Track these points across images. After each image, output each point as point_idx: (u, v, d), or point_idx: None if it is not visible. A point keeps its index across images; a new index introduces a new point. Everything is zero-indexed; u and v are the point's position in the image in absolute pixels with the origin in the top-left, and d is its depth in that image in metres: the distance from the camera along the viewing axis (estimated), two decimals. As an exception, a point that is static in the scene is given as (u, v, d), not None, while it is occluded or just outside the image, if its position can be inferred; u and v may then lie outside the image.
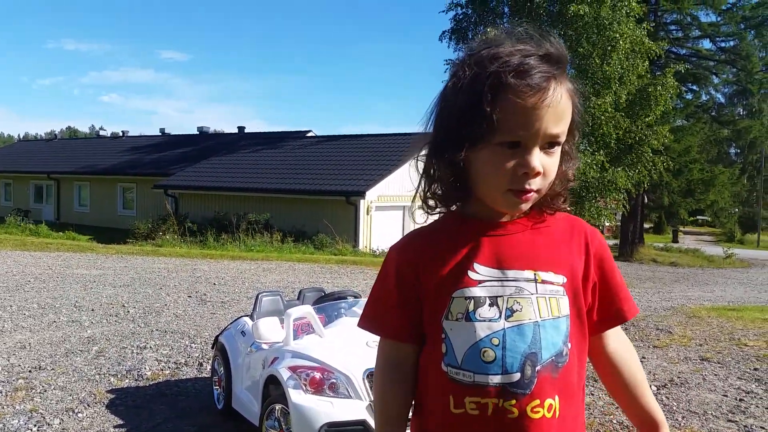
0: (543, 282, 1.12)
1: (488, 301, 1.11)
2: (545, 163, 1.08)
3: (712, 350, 6.23)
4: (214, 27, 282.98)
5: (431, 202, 1.21)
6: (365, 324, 1.28)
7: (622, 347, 1.24)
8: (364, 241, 18.61)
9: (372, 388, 3.24)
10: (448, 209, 1.21)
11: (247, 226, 18.07)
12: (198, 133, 32.21)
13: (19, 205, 30.12)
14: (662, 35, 24.46)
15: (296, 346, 3.64)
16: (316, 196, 19.18)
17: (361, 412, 3.23)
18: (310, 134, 26.39)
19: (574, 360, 1.13)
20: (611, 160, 18.38)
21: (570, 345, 1.13)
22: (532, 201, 1.12)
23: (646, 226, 39.23)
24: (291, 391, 3.30)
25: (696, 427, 4.15)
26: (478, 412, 1.10)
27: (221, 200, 21.47)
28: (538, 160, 1.07)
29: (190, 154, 26.74)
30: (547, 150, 1.09)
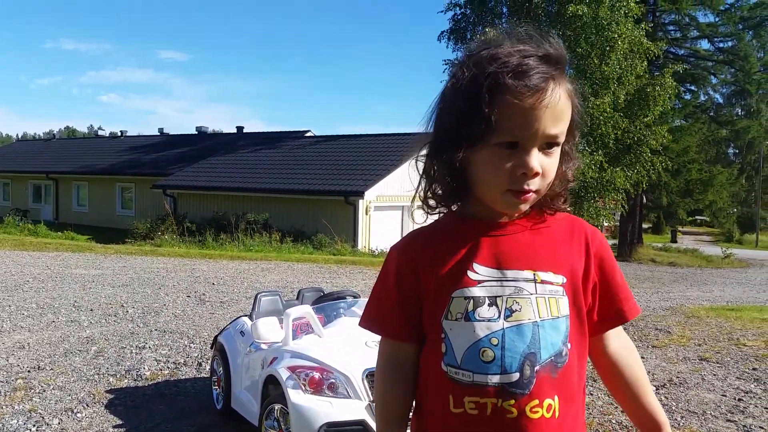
0: (542, 282, 1.12)
1: (487, 301, 1.11)
2: (544, 163, 1.08)
3: (710, 350, 6.24)
4: (213, 27, 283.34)
5: (431, 202, 1.21)
6: (366, 323, 1.28)
7: (624, 348, 1.24)
8: (363, 241, 18.60)
9: (371, 388, 3.24)
10: (449, 209, 1.21)
11: (245, 226, 18.06)
12: (197, 133, 32.19)
13: (17, 204, 30.12)
14: (660, 35, 24.47)
15: (295, 346, 3.64)
16: (315, 196, 19.18)
17: (360, 412, 3.23)
18: (308, 134, 26.37)
19: (574, 360, 1.13)
20: (610, 161, 18.39)
21: (570, 345, 1.13)
22: (531, 201, 1.12)
23: (645, 226, 39.24)
24: (290, 391, 3.30)
25: (695, 427, 4.16)
26: (477, 411, 1.10)
27: (220, 200, 21.46)
28: (537, 161, 1.07)
29: (189, 154, 26.73)
30: (546, 150, 1.09)
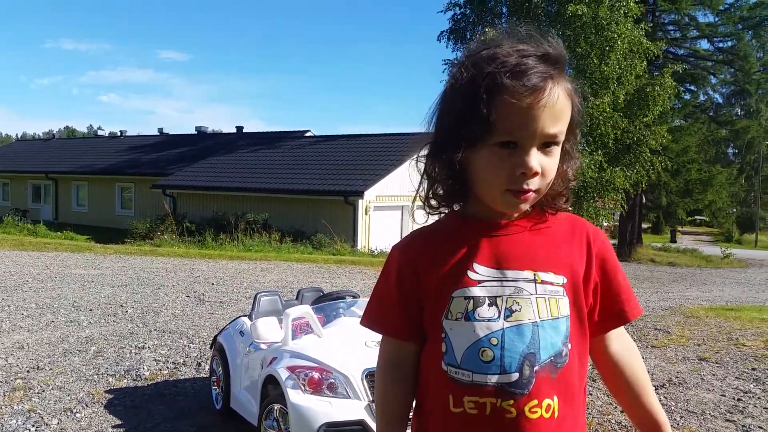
0: (542, 282, 1.12)
1: (487, 301, 1.11)
2: (544, 163, 1.08)
3: (710, 350, 6.24)
4: (213, 27, 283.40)
5: (432, 203, 1.21)
6: (367, 322, 1.28)
7: (625, 348, 1.23)
8: (363, 241, 18.60)
9: (371, 388, 3.24)
10: (450, 209, 1.22)
11: (245, 226, 18.05)
12: (196, 132, 32.19)
13: (17, 204, 30.12)
14: (660, 35, 24.48)
15: (295, 346, 3.64)
16: (315, 196, 19.17)
17: (359, 412, 3.23)
18: (308, 134, 26.37)
19: (574, 361, 1.13)
20: (609, 160, 18.40)
21: (570, 346, 1.13)
22: (531, 201, 1.12)
23: (644, 226, 39.24)
24: (289, 391, 3.30)
25: (694, 427, 4.16)
26: (476, 411, 1.10)
27: (219, 200, 21.45)
28: (536, 160, 1.07)
29: (189, 153, 26.72)
30: (546, 150, 1.09)
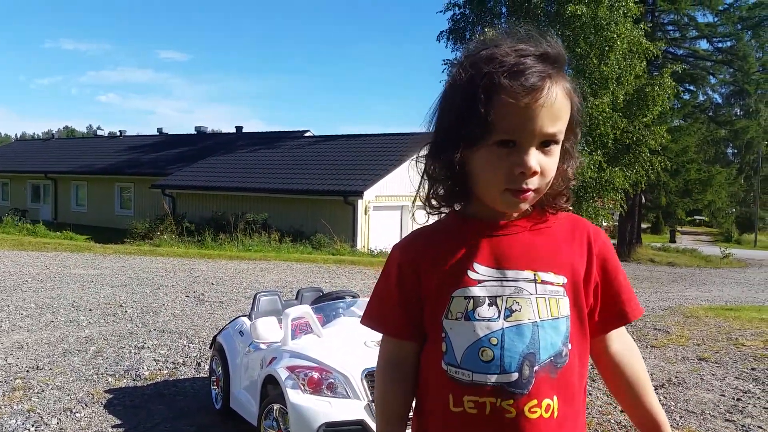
0: (543, 282, 1.12)
1: (487, 301, 1.11)
2: (543, 162, 1.08)
3: (709, 350, 6.24)
4: (212, 27, 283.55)
5: (433, 202, 1.21)
6: (368, 321, 1.29)
7: (626, 349, 1.23)
8: (362, 241, 18.60)
9: (370, 388, 3.24)
10: (451, 209, 1.22)
11: (245, 225, 18.05)
12: (196, 132, 32.18)
13: (16, 204, 30.09)
14: (659, 36, 24.49)
15: (294, 346, 3.64)
16: (314, 195, 19.17)
17: (359, 412, 3.23)
18: (308, 134, 26.36)
19: (574, 361, 1.13)
20: (609, 160, 18.40)
21: (570, 346, 1.13)
22: (531, 200, 1.12)
23: (644, 226, 39.24)
24: (289, 391, 3.30)
25: (694, 427, 4.16)
26: (476, 411, 1.10)
27: (219, 200, 21.45)
28: (535, 160, 1.07)
29: (188, 153, 26.72)
30: (545, 149, 1.09)
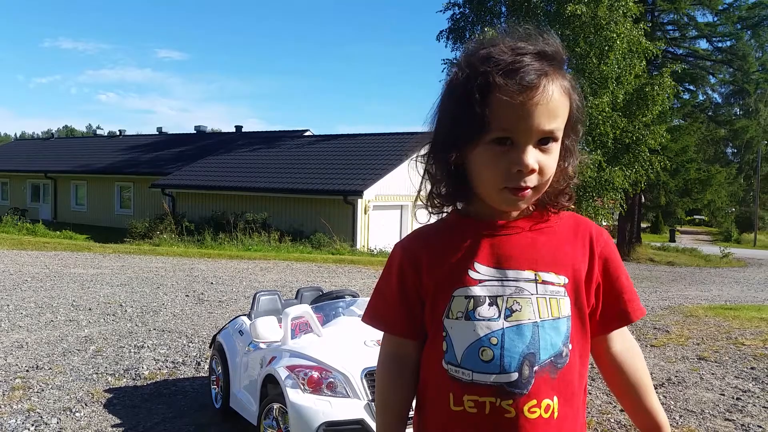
0: (543, 282, 1.12)
1: (488, 301, 1.11)
2: (541, 159, 1.08)
3: (709, 349, 6.25)
4: (212, 26, 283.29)
5: (435, 201, 1.21)
6: (369, 319, 1.29)
7: (627, 349, 1.23)
8: (362, 241, 18.59)
9: (370, 387, 3.25)
10: (453, 208, 1.22)
11: (244, 225, 18.05)
12: (195, 132, 32.20)
13: (16, 204, 30.08)
14: (659, 35, 24.52)
15: (294, 345, 3.64)
16: (314, 195, 19.16)
17: (359, 412, 3.23)
18: (307, 134, 26.35)
19: (575, 361, 1.13)
20: (608, 160, 18.39)
21: (571, 346, 1.13)
22: (530, 198, 1.11)
23: (643, 225, 39.26)
24: (289, 391, 3.30)
25: (693, 426, 4.16)
26: (476, 410, 1.10)
27: (219, 199, 21.44)
28: (533, 158, 1.07)
29: (188, 153, 26.72)
30: (543, 147, 1.08)
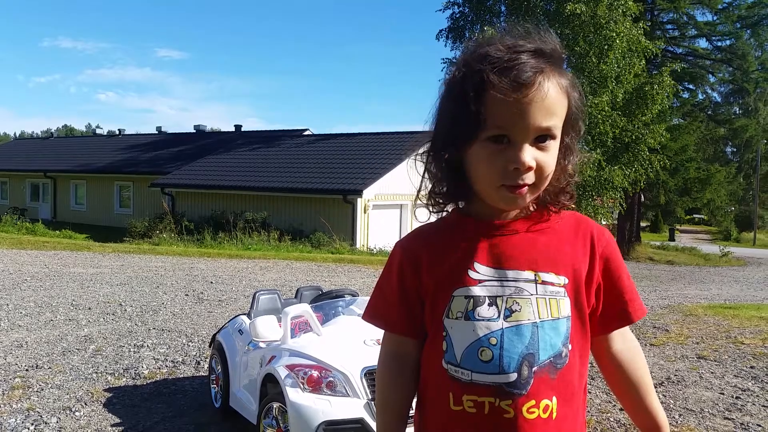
0: (543, 283, 1.12)
1: (487, 301, 1.11)
2: (539, 157, 1.07)
3: (708, 348, 6.25)
4: (211, 26, 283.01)
5: (437, 200, 1.21)
6: (369, 317, 1.29)
7: (628, 349, 1.23)
8: (362, 240, 18.59)
9: (370, 386, 3.25)
10: (453, 207, 1.22)
11: (244, 224, 18.05)
12: (195, 131, 32.19)
13: (15, 203, 30.07)
14: (659, 34, 24.53)
15: (294, 344, 3.64)
16: (314, 194, 19.16)
17: (358, 411, 3.23)
18: (307, 133, 26.34)
19: (574, 361, 1.13)
20: (608, 159, 18.40)
21: (570, 346, 1.12)
22: (529, 196, 1.11)
23: (643, 224, 39.30)
24: (289, 390, 3.30)
25: (693, 425, 4.16)
26: (475, 410, 1.10)
27: (218, 199, 21.44)
28: (529, 155, 1.06)
29: (187, 152, 26.71)
30: (540, 144, 1.08)
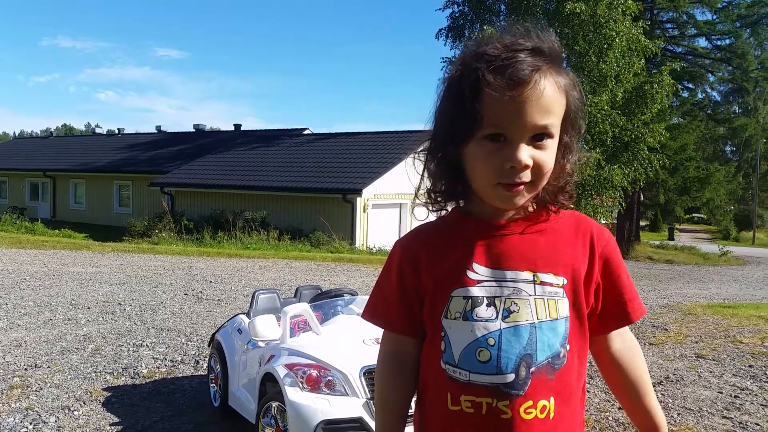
0: (542, 283, 1.12)
1: (486, 301, 1.11)
2: (536, 156, 1.07)
3: (707, 347, 6.26)
4: (211, 25, 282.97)
5: (437, 199, 1.21)
6: (368, 316, 1.29)
7: (627, 348, 1.23)
8: (361, 239, 18.59)
9: (369, 385, 3.25)
10: (453, 206, 1.22)
11: (243, 223, 18.05)
12: (194, 130, 32.18)
13: (14, 202, 30.04)
14: (658, 33, 24.53)
15: (293, 343, 3.64)
16: (313, 193, 19.16)
17: (357, 410, 3.23)
18: (306, 132, 26.33)
19: (573, 362, 1.13)
20: (607, 158, 18.41)
21: (569, 347, 1.12)
22: (526, 195, 1.10)
23: (642, 223, 39.31)
24: (288, 389, 3.30)
25: (691, 424, 4.17)
26: (473, 410, 1.10)
27: (218, 198, 21.43)
28: (526, 154, 1.06)
29: (187, 151, 26.70)
30: (537, 143, 1.07)
